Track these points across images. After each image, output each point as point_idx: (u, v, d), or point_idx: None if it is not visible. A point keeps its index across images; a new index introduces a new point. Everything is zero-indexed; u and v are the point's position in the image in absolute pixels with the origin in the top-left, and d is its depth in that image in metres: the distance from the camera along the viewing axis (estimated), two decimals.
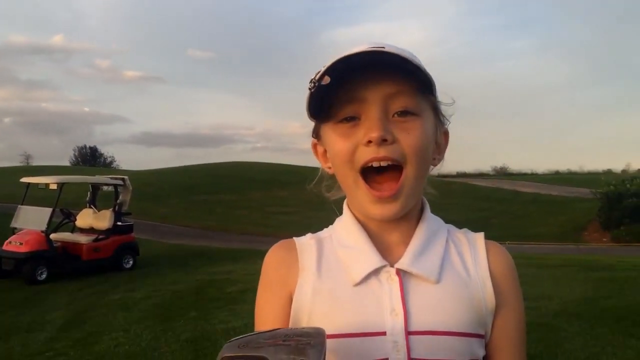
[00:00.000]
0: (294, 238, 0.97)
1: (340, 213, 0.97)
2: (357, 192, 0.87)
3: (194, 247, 16.34)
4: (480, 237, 0.95)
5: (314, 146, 0.97)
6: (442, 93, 0.91)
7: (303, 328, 0.76)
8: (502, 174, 57.18)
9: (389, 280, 0.87)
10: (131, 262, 11.92)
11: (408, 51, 0.86)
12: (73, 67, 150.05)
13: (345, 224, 0.94)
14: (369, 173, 0.85)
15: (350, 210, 0.94)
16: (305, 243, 0.95)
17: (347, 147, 0.84)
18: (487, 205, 29.93)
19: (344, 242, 0.92)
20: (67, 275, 10.61)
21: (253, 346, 0.69)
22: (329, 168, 0.94)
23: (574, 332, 5.58)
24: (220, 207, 28.42)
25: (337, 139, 0.86)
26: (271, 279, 0.94)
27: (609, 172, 46.58)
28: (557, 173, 57.35)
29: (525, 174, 55.57)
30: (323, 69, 0.81)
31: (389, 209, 0.85)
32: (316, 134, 0.95)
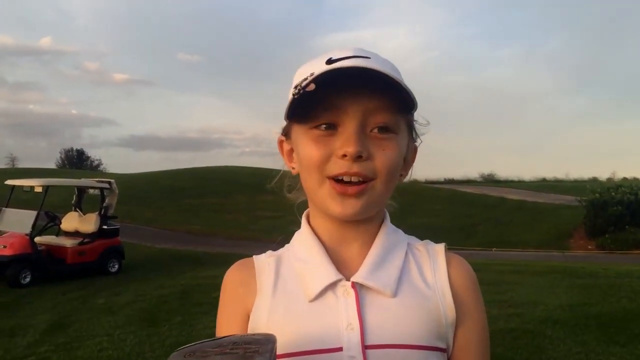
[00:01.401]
0: (254, 257, 0.96)
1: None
2: (320, 191, 0.86)
3: (180, 251, 16.25)
4: (440, 249, 0.94)
5: (280, 143, 0.96)
6: (416, 113, 0.91)
7: (253, 335, 0.75)
8: (490, 180, 57.40)
9: (345, 295, 0.86)
10: (116, 266, 11.84)
11: (392, 65, 0.86)
12: (61, 69, 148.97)
13: (302, 237, 0.94)
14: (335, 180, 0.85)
15: (309, 223, 0.94)
16: (264, 262, 0.94)
17: (320, 155, 0.83)
18: (473, 211, 30.01)
19: (300, 256, 0.92)
20: (52, 279, 10.50)
21: (199, 355, 0.67)
22: (293, 168, 0.93)
23: (558, 339, 5.61)
24: (207, 211, 28.28)
25: (310, 144, 0.85)
26: (229, 298, 0.94)
27: (594, 180, 46.95)
28: (543, 180, 57.60)
29: (512, 181, 55.82)
30: (310, 77, 0.80)
31: (349, 207, 0.84)
32: (286, 132, 0.94)
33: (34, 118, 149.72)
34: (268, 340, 0.70)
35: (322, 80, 0.79)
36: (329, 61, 0.82)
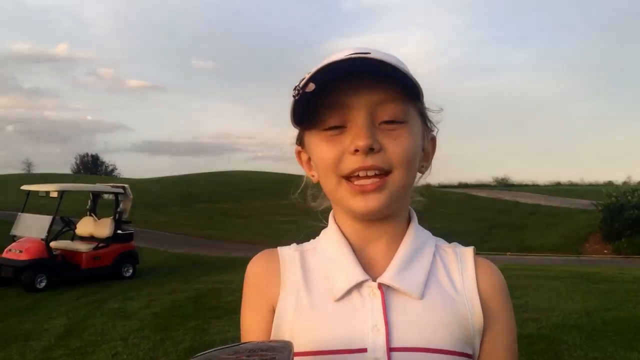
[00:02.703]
0: (278, 248, 0.95)
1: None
2: (340, 190, 0.85)
3: (194, 255, 16.31)
4: (469, 252, 0.92)
5: (298, 154, 0.96)
6: (429, 101, 0.90)
7: (270, 342, 0.74)
8: (504, 184, 56.98)
9: (371, 295, 0.85)
10: (131, 271, 11.90)
11: (395, 57, 0.85)
12: (76, 75, 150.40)
13: (329, 235, 0.93)
14: (353, 177, 0.84)
15: (336, 222, 0.93)
16: (289, 255, 0.93)
17: (332, 155, 0.83)
18: (487, 215, 29.87)
19: (327, 255, 0.91)
20: (67, 284, 10.58)
21: None
22: (313, 176, 0.93)
23: (575, 345, 5.55)
24: (220, 216, 28.39)
25: (322, 146, 0.84)
26: (253, 292, 0.93)
27: (610, 184, 46.41)
28: (558, 184, 57.08)
29: (526, 185, 55.35)
30: (307, 76, 0.80)
31: (372, 202, 0.83)
32: (300, 141, 0.93)
33: (49, 124, 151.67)
34: (284, 348, 0.70)
35: (321, 80, 0.79)
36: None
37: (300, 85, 0.80)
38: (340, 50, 0.84)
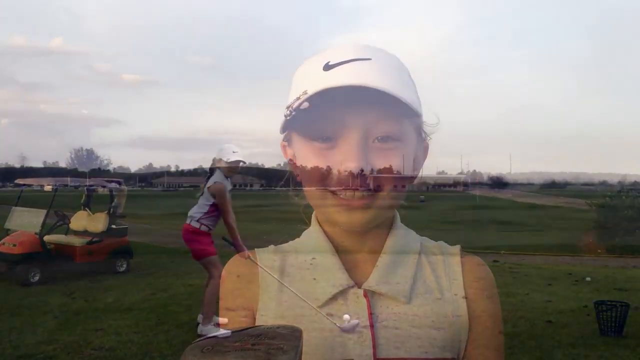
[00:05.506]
0: (256, 250, 0.92)
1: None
2: (325, 203, 0.82)
3: (189, 250, 16.24)
4: (455, 251, 0.91)
5: (284, 148, 0.93)
6: (428, 109, 0.88)
7: (277, 328, 0.68)
8: (499, 183, 57.09)
9: (356, 302, 0.82)
10: (125, 266, 11.86)
11: (396, 63, 0.82)
12: (72, 70, 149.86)
13: (312, 237, 0.90)
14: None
15: (319, 223, 0.90)
16: (268, 258, 0.90)
17: (321, 171, 0.80)
18: (482, 214, 29.95)
19: (310, 258, 0.88)
20: (60, 278, 10.55)
21: (218, 350, 0.62)
22: (297, 175, 0.89)
23: (567, 344, 5.57)
24: None
25: (311, 159, 0.82)
26: (231, 297, 0.90)
27: (605, 184, 46.53)
28: (553, 183, 57.27)
29: (521, 184, 55.50)
30: (304, 96, 0.76)
31: (357, 218, 0.81)
32: (287, 139, 0.91)
33: (44, 118, 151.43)
34: (293, 336, 0.65)
35: (317, 99, 0.76)
36: (327, 66, 0.78)
37: (294, 106, 0.77)
38: (340, 47, 0.82)
